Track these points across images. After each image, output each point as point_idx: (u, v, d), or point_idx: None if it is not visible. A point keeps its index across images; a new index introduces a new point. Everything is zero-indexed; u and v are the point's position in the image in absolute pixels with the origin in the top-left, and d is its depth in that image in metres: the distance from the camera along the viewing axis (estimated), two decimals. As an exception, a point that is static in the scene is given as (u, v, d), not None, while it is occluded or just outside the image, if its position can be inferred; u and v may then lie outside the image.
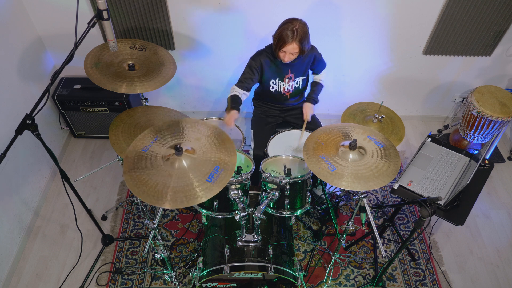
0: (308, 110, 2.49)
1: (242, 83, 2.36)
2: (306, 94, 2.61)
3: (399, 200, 2.91)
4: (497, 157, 3.19)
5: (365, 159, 1.81)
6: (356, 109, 2.37)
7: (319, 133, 1.95)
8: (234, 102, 2.31)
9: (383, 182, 1.72)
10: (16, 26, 2.49)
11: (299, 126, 2.54)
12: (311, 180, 2.05)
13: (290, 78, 2.40)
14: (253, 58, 2.35)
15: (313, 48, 2.38)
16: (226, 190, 1.90)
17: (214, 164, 1.66)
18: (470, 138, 2.98)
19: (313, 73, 2.57)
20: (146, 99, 2.42)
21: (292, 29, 2.10)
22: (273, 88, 2.45)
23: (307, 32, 2.16)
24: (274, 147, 2.36)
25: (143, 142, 1.73)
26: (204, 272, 1.99)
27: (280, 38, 2.14)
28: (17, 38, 2.52)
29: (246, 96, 2.40)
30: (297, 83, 2.45)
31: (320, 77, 2.58)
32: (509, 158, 3.20)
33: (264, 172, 1.97)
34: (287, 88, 2.45)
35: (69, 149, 3.17)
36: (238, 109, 2.30)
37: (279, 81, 2.41)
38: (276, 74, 2.38)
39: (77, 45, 1.63)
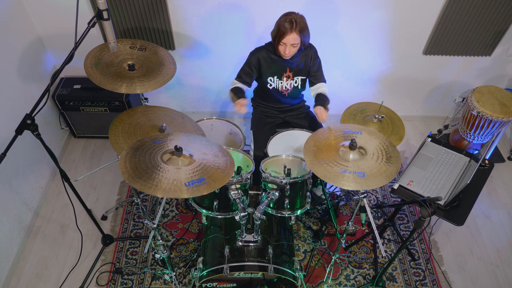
0: (322, 112, 2.31)
1: (241, 78, 2.37)
2: (309, 97, 2.56)
3: (399, 200, 2.91)
4: (497, 157, 3.19)
5: (366, 159, 1.81)
6: (356, 109, 2.37)
7: (311, 145, 1.91)
8: (238, 92, 2.31)
9: (383, 182, 1.72)
10: (16, 26, 2.49)
11: (299, 126, 2.54)
12: (311, 180, 2.05)
13: (288, 77, 2.40)
14: (251, 53, 2.35)
15: (311, 45, 2.38)
16: (226, 190, 1.90)
17: (202, 175, 1.63)
18: (470, 138, 2.98)
19: (310, 85, 2.48)
20: (146, 99, 2.41)
21: (291, 20, 2.10)
22: (271, 85, 2.44)
23: (306, 24, 2.16)
24: (274, 147, 2.36)
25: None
26: (204, 272, 1.99)
27: (279, 30, 2.14)
28: (17, 38, 2.52)
29: (248, 90, 2.40)
30: (296, 82, 2.44)
31: (322, 91, 2.43)
32: (509, 158, 3.20)
33: (264, 172, 1.97)
34: (285, 87, 2.45)
35: (69, 149, 3.17)
36: (244, 97, 2.29)
37: (277, 79, 2.41)
38: (274, 71, 2.38)
39: (77, 45, 1.63)
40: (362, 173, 1.73)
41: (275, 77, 2.40)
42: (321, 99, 2.40)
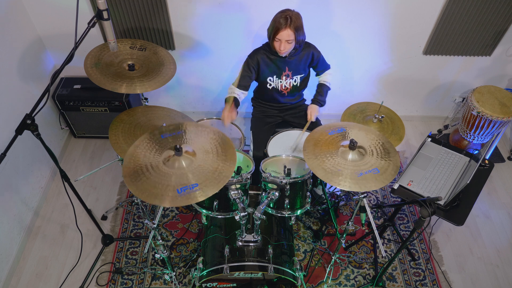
0: (313, 111, 2.47)
1: (239, 82, 2.36)
2: (310, 95, 2.59)
3: (399, 200, 2.91)
4: (497, 157, 3.19)
5: (365, 159, 1.81)
6: (356, 109, 2.37)
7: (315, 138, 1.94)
8: (232, 102, 2.32)
9: (383, 182, 1.72)
10: (16, 26, 2.49)
11: (299, 125, 2.54)
12: (311, 180, 2.05)
13: (287, 76, 2.40)
14: (250, 56, 2.35)
15: (310, 45, 2.38)
16: (226, 190, 1.90)
17: (196, 181, 1.61)
18: (470, 138, 2.98)
19: (316, 75, 2.56)
20: (146, 99, 2.42)
21: (285, 16, 2.11)
22: (270, 85, 2.44)
23: (301, 21, 2.17)
24: (274, 147, 2.36)
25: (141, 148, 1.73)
26: (204, 272, 1.99)
27: (273, 26, 2.15)
28: (17, 38, 2.52)
29: (244, 96, 2.40)
30: (295, 81, 2.44)
31: (326, 79, 2.54)
32: (509, 158, 3.20)
33: (264, 172, 1.97)
34: (284, 86, 2.45)
35: (69, 149, 3.17)
36: (236, 108, 2.31)
37: (277, 78, 2.41)
38: (273, 71, 2.38)
39: (77, 45, 1.63)
40: (375, 169, 1.73)
41: (274, 76, 2.40)
42: (319, 93, 2.52)
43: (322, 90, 2.52)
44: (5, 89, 2.39)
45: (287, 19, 2.10)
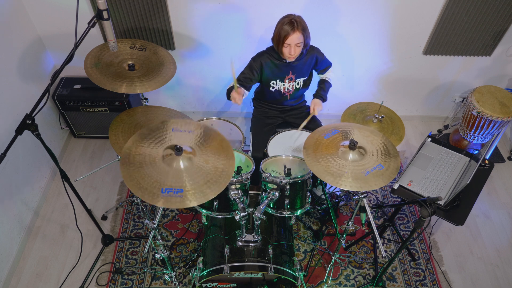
0: (317, 105, 2.42)
1: (241, 82, 2.35)
2: (311, 95, 2.59)
3: (399, 200, 2.91)
4: (497, 157, 3.19)
5: (366, 159, 1.81)
6: (356, 109, 2.37)
7: (317, 135, 1.94)
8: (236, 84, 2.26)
9: (390, 177, 1.72)
10: (16, 26, 2.49)
11: (299, 126, 2.54)
12: (311, 180, 2.05)
13: (290, 79, 2.40)
14: (253, 58, 2.35)
15: (313, 48, 2.38)
16: (226, 190, 1.90)
17: (182, 186, 1.58)
18: (470, 138, 2.98)
19: (318, 73, 2.56)
20: (146, 99, 2.42)
21: (291, 21, 2.11)
22: (273, 88, 2.44)
23: (305, 24, 2.16)
24: (274, 147, 2.36)
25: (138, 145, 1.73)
26: (204, 272, 1.99)
27: (281, 33, 2.14)
28: (17, 38, 2.52)
29: (245, 95, 2.39)
30: (298, 84, 2.45)
31: (327, 75, 2.54)
32: (509, 158, 3.20)
33: (264, 172, 1.97)
34: (288, 88, 2.45)
35: (69, 149, 3.17)
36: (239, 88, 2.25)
37: (280, 82, 2.41)
38: (276, 75, 2.38)
39: (77, 45, 1.63)
40: (380, 165, 1.73)
41: (278, 80, 2.40)
42: (322, 88, 2.49)
43: (324, 86, 2.50)
44: (5, 89, 2.39)
45: (293, 23, 2.10)
